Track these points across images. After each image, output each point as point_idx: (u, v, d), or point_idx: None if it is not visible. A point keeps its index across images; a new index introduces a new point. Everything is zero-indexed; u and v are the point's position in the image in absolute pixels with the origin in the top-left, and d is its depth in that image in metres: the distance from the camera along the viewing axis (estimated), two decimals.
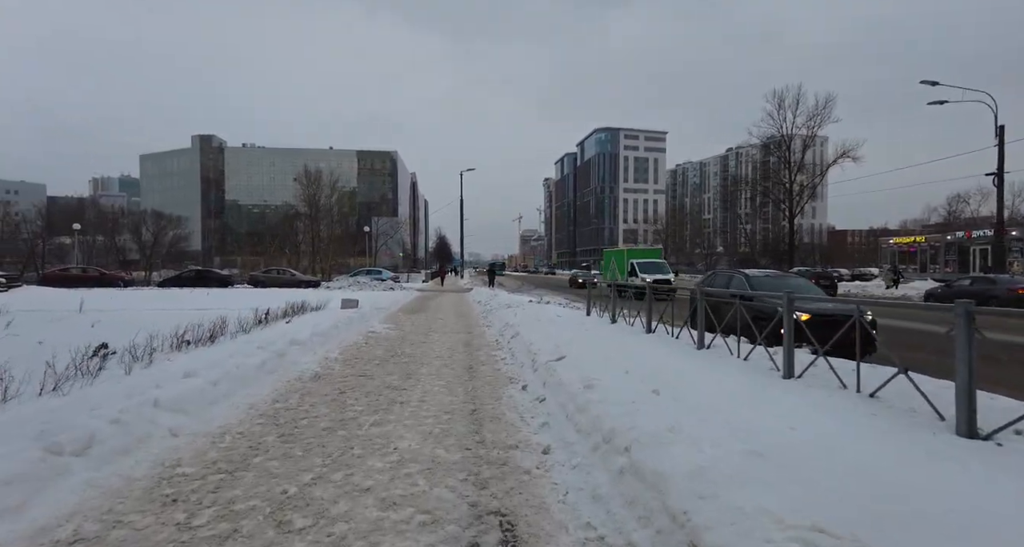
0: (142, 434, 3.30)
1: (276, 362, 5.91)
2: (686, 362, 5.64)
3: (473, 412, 4.59)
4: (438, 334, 10.07)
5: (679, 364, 5.55)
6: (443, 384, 5.75)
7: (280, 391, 5.25)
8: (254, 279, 31.76)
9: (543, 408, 4.51)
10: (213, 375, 4.65)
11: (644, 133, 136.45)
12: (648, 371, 4.92)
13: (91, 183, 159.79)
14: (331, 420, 4.33)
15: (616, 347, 6.62)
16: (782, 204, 46.69)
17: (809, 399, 3.99)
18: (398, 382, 5.83)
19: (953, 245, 34.92)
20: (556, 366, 5.33)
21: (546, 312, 12.24)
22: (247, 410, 4.50)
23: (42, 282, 26.71)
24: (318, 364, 6.67)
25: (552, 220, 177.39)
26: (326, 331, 8.41)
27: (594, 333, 8.47)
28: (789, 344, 5.22)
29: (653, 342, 7.57)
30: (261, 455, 3.49)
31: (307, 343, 7.16)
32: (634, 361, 5.48)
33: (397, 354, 7.70)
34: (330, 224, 56.76)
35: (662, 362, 5.56)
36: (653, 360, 5.68)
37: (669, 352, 6.55)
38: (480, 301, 17.76)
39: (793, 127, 43.81)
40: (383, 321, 12.05)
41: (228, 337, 7.59)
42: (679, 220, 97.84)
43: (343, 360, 7.11)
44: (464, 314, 14.58)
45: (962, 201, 70.17)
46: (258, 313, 9.87)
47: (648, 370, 4.98)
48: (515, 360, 6.96)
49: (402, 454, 3.52)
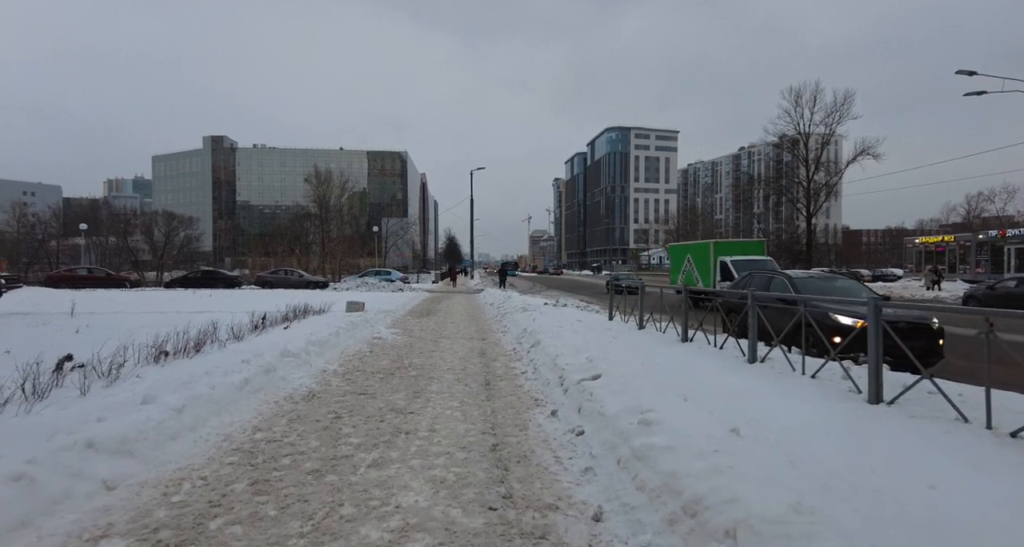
0: (58, 493, 2.46)
1: (263, 379, 5.09)
2: (747, 382, 4.72)
3: (495, 448, 3.71)
4: (449, 341, 9.22)
5: (738, 384, 4.64)
6: (456, 405, 4.89)
7: (264, 416, 4.42)
8: (261, 280, 31.20)
9: (582, 445, 3.63)
10: (179, 399, 3.82)
11: (655, 132, 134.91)
12: (709, 396, 4.01)
13: (105, 185, 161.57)
14: (320, 458, 3.49)
15: (658, 361, 5.71)
16: (799, 203, 45.33)
17: (935, 443, 3.06)
18: (404, 402, 4.98)
19: (985, 244, 33.32)
20: (592, 387, 4.44)
21: (566, 316, 11.35)
22: (218, 444, 3.67)
23: (46, 283, 26.34)
24: (314, 379, 5.84)
25: (562, 220, 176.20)
26: (325, 339, 7.59)
27: (624, 342, 7.57)
28: (877, 361, 4.29)
29: (694, 353, 6.65)
30: (223, 515, 2.64)
31: (302, 355, 6.33)
32: (686, 381, 4.59)
33: (404, 366, 6.85)
34: (340, 224, 56.40)
35: (719, 382, 4.65)
36: (707, 379, 4.77)
37: (719, 367, 5.63)
38: (492, 303, 16.90)
39: (810, 124, 42.52)
40: (390, 326, 11.23)
41: (216, 346, 6.80)
42: (691, 220, 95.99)
43: (343, 373, 6.27)
44: (476, 318, 13.73)
45: (985, 199, 68.16)
46: (255, 318, 9.11)
47: (708, 394, 4.08)
48: (538, 375, 6.08)
49: (406, 516, 2.65)
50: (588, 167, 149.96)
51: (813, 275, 9.41)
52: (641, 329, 9.46)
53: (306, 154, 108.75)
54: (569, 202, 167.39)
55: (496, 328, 11.18)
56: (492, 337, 9.82)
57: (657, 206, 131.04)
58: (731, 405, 3.72)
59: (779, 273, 9.42)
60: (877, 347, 4.29)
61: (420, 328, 11.17)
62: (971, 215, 68.35)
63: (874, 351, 4.30)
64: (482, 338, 9.64)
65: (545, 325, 9.23)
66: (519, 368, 6.68)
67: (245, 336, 7.89)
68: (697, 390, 4.22)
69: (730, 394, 4.12)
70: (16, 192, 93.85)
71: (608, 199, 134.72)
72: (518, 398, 5.17)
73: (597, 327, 9.79)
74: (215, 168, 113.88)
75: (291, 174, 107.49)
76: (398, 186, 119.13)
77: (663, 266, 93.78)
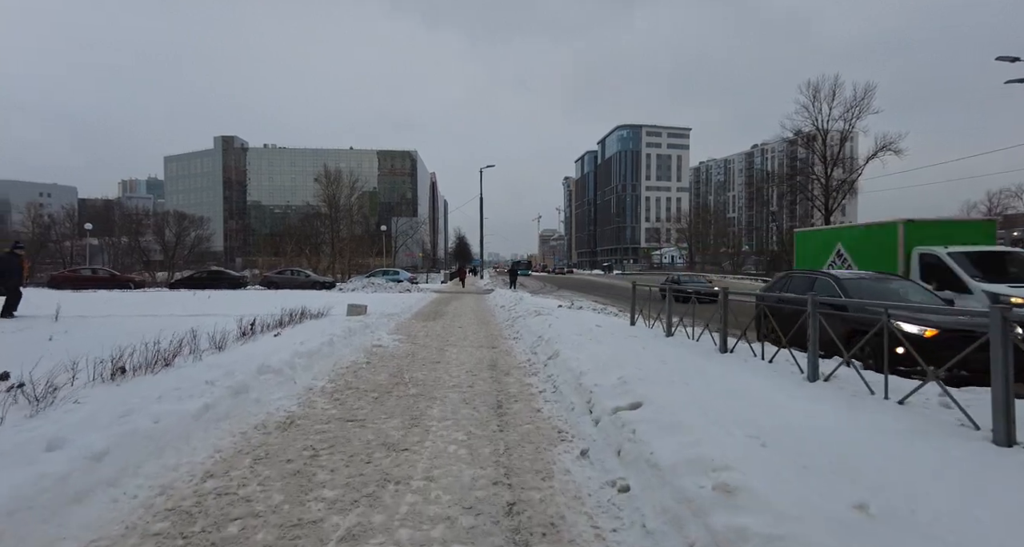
0: None
1: (230, 404, 4.22)
2: (828, 413, 3.75)
3: (511, 510, 2.80)
4: (456, 350, 8.33)
5: (818, 415, 3.67)
6: (462, 438, 3.99)
7: (224, 455, 3.55)
8: (267, 280, 30.62)
9: (629, 509, 2.70)
10: (103, 439, 2.96)
11: (667, 130, 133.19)
12: (792, 437, 3.06)
13: (120, 185, 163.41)
14: (279, 524, 2.61)
15: (705, 381, 4.75)
16: (817, 200, 43.87)
17: None
18: (398, 434, 4.08)
19: (1021, 241, 31.76)
20: (632, 420, 3.51)
21: (583, 320, 10.40)
22: (148, 502, 2.80)
23: (49, 284, 25.95)
24: (296, 400, 4.98)
25: (572, 219, 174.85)
26: (316, 349, 6.72)
27: (655, 353, 6.62)
28: (1007, 390, 3.31)
29: (741, 369, 5.68)
30: None
31: (285, 370, 5.47)
32: (750, 410, 3.64)
33: (403, 382, 5.96)
34: (350, 224, 55.94)
35: (792, 412, 3.69)
36: (775, 407, 3.81)
37: (775, 388, 4.66)
38: (503, 306, 15.99)
39: (829, 119, 41.04)
40: (393, 331, 10.37)
41: (192, 358, 5.96)
42: (704, 218, 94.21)
43: (332, 392, 5.40)
44: (486, 321, 12.84)
45: (1011, 196, 66.26)
46: (243, 324, 8.28)
47: (789, 433, 3.13)
48: (560, 396, 5.15)
49: None
50: (599, 165, 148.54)
51: (863, 275, 8.35)
52: (669, 336, 8.50)
53: (316, 154, 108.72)
54: (579, 201, 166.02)
55: (508, 334, 10.27)
56: (503, 345, 8.91)
57: (669, 205, 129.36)
58: (828, 455, 2.77)
59: (824, 274, 8.39)
60: (1006, 370, 3.31)
61: (425, 334, 10.30)
62: (992, 212, 66.59)
63: (1002, 375, 3.32)
64: (492, 346, 8.74)
65: (562, 331, 8.30)
66: (536, 385, 5.76)
67: (228, 345, 7.06)
68: (769, 425, 3.27)
69: (817, 434, 3.16)
70: (33, 193, 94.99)
71: (619, 198, 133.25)
72: (537, 428, 4.25)
73: (619, 334, 8.85)
74: (226, 168, 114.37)
75: (301, 174, 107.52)
76: (408, 185, 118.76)
77: (675, 266, 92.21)
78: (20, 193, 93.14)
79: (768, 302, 6.60)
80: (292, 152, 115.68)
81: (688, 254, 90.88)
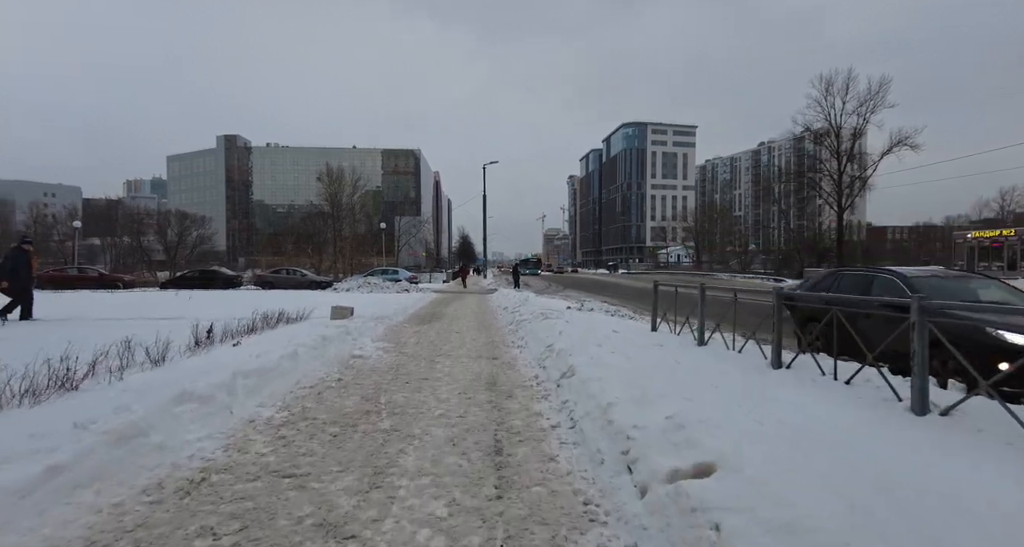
0: None
1: (103, 459, 2.93)
2: (989, 478, 2.42)
3: None
4: (449, 361, 7.03)
5: (986, 486, 2.36)
6: (442, 512, 2.67)
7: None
8: (261, 280, 29.49)
9: None
10: None
11: (673, 128, 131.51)
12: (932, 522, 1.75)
13: (125, 185, 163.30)
14: None
15: (782, 416, 3.40)
16: (829, 198, 42.27)
17: None
18: (348, 504, 2.78)
19: None
20: (708, 502, 2.19)
21: (597, 325, 9.08)
22: None
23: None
24: (222, 442, 3.68)
25: (576, 218, 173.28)
26: (274, 364, 5.43)
27: (692, 368, 5.29)
28: None
29: (812, 392, 4.33)
30: None
31: (218, 395, 4.18)
32: (873, 468, 2.32)
33: (375, 409, 4.66)
34: (353, 223, 54.90)
35: (922, 471, 2.37)
36: (907, 466, 2.49)
37: (880, 422, 3.34)
38: (506, 307, 14.68)
39: (842, 114, 39.43)
40: (379, 338, 9.08)
41: (109, 380, 4.69)
42: (710, 217, 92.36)
43: (278, 425, 4.11)
44: (487, 325, 11.53)
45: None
46: (198, 331, 7.02)
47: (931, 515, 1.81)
48: (580, 436, 3.82)
49: None
50: (604, 164, 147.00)
51: (935, 272, 6.99)
52: (702, 345, 7.18)
53: (320, 153, 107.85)
54: (584, 200, 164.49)
55: (511, 341, 8.96)
56: (506, 355, 7.60)
57: (675, 203, 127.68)
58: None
59: (885, 271, 7.02)
60: None
61: (416, 340, 9.00)
62: (1005, 210, 65.13)
63: None
64: (493, 357, 7.43)
65: (576, 339, 6.98)
66: (547, 416, 4.44)
67: (172, 358, 5.80)
68: (924, 509, 1.95)
69: (949, 509, 1.84)
70: (38, 193, 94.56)
71: (624, 196, 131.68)
72: (551, 492, 2.93)
73: (641, 341, 7.53)
74: (229, 167, 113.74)
75: (304, 173, 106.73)
76: (411, 184, 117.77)
77: (681, 265, 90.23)
78: (25, 193, 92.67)
79: (839, 305, 5.23)
80: (295, 151, 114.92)
81: (695, 253, 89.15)
